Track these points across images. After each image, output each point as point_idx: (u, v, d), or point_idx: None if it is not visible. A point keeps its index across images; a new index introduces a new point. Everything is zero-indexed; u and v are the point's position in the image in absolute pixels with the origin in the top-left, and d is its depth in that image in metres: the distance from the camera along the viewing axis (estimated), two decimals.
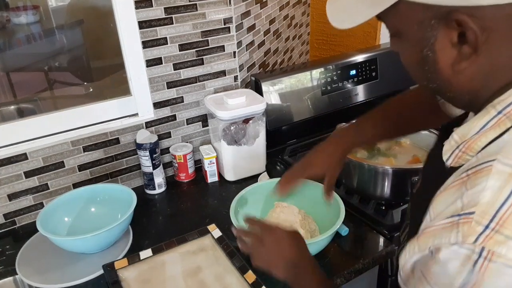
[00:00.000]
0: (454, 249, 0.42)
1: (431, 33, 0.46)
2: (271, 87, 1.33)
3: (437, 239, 0.44)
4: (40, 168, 1.09)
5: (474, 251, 0.41)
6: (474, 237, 0.41)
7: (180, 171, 1.25)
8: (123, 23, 1.09)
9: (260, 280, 0.83)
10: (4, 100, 2.01)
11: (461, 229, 0.42)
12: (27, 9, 2.18)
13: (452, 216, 0.44)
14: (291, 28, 1.85)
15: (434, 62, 0.48)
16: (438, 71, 0.49)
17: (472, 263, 0.41)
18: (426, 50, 0.48)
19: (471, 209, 0.42)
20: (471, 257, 0.41)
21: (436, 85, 0.51)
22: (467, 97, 0.50)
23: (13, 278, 0.95)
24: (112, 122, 1.17)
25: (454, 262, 0.43)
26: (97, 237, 0.91)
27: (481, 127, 0.47)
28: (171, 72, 1.20)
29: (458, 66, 0.47)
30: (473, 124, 0.48)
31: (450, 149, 0.50)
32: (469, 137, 0.48)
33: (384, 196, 1.06)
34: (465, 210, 0.43)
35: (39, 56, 2.28)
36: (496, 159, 0.43)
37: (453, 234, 0.43)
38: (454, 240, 0.42)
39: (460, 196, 0.44)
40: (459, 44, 0.45)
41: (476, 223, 0.41)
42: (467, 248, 0.42)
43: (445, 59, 0.47)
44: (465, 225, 0.42)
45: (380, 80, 1.53)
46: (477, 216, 0.42)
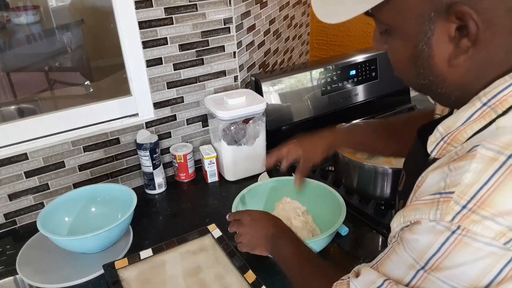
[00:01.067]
0: (431, 224, 0.45)
1: (429, 26, 0.46)
2: (271, 87, 1.33)
3: (418, 213, 0.47)
4: (40, 168, 1.09)
5: (449, 228, 0.43)
6: (451, 216, 0.43)
7: (180, 171, 1.25)
8: (123, 23, 1.09)
9: (260, 279, 0.83)
10: (5, 100, 2.01)
11: (440, 207, 0.44)
12: (27, 9, 2.18)
13: (434, 194, 0.46)
14: (291, 28, 1.86)
15: (429, 57, 0.48)
16: (432, 66, 0.49)
17: (444, 237, 0.44)
18: (422, 44, 0.48)
19: (452, 189, 0.44)
20: (444, 233, 0.44)
21: (427, 82, 0.51)
22: (457, 93, 0.50)
23: (14, 278, 0.95)
24: (113, 122, 1.17)
25: (429, 235, 0.45)
26: (97, 237, 0.91)
27: (466, 119, 0.48)
28: (171, 72, 1.20)
29: (455, 61, 0.47)
30: (459, 116, 0.49)
31: (435, 141, 0.52)
32: (454, 128, 0.49)
33: (384, 196, 1.06)
34: (446, 189, 0.45)
35: (39, 56, 2.28)
36: (480, 145, 0.45)
37: (432, 211, 0.45)
38: (432, 217, 0.45)
39: (444, 177, 0.46)
40: (457, 38, 0.45)
41: (455, 202, 0.43)
42: (443, 225, 0.44)
43: (441, 53, 0.47)
44: (444, 203, 0.44)
45: (380, 80, 1.53)
46: (456, 196, 0.43)
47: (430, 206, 0.45)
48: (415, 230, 0.47)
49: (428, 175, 0.49)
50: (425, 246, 0.46)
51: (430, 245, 0.45)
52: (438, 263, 0.45)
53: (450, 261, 0.44)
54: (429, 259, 0.45)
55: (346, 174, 1.12)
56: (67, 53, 2.36)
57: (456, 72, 0.48)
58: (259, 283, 0.82)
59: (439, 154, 0.51)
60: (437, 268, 0.45)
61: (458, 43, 0.46)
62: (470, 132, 0.48)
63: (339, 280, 0.58)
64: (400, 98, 1.65)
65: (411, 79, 0.53)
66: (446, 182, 0.45)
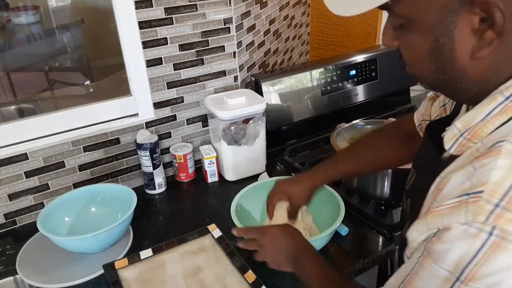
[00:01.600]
0: (464, 228, 0.42)
1: (451, 18, 0.45)
2: (271, 87, 1.33)
3: (446, 218, 0.44)
4: (40, 168, 1.09)
5: (483, 229, 0.41)
6: (484, 216, 0.41)
7: (180, 171, 1.25)
8: (123, 23, 1.09)
9: (260, 279, 0.83)
10: (5, 100, 2.01)
11: (470, 209, 0.42)
12: (27, 9, 2.18)
13: (460, 196, 0.43)
14: (291, 28, 1.86)
15: (451, 50, 0.46)
16: (454, 60, 0.47)
17: (481, 241, 0.41)
18: (443, 37, 0.46)
19: (480, 188, 0.42)
20: (479, 236, 0.41)
21: (446, 77, 0.49)
22: (476, 88, 0.49)
23: (14, 278, 0.95)
24: (113, 122, 1.17)
25: (462, 242, 0.42)
26: (97, 237, 0.91)
27: (487, 114, 0.47)
28: (171, 72, 1.20)
29: (479, 53, 0.45)
30: (478, 111, 0.47)
31: (453, 137, 0.50)
32: (474, 124, 0.48)
33: (384, 196, 1.06)
34: (473, 189, 0.43)
35: (39, 56, 2.27)
36: (505, 140, 0.43)
37: (462, 213, 0.42)
38: (463, 220, 0.42)
39: (468, 176, 0.44)
40: (480, 30, 0.44)
41: (486, 201, 0.41)
42: (476, 227, 0.41)
43: (463, 46, 0.46)
44: (474, 204, 0.42)
45: (380, 80, 1.53)
46: (486, 195, 0.41)
47: (458, 209, 0.43)
48: (445, 238, 0.44)
49: (450, 176, 0.47)
50: (460, 254, 0.42)
51: (465, 252, 0.42)
52: (475, 272, 0.42)
53: (488, 268, 0.41)
54: (464, 268, 0.42)
55: None
56: (67, 53, 2.36)
57: (479, 65, 0.47)
58: (259, 283, 0.82)
59: (458, 151, 0.49)
60: (474, 277, 0.42)
61: (482, 35, 0.44)
62: (491, 127, 0.46)
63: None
64: (400, 98, 1.65)
65: (428, 75, 0.51)
66: (472, 182, 0.43)
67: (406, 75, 0.56)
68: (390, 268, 1.01)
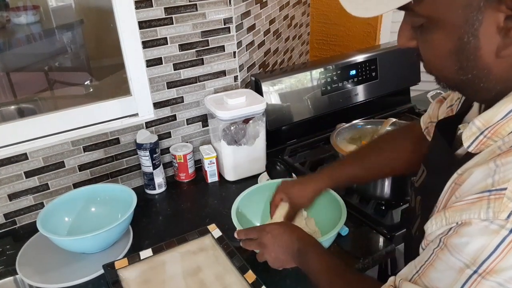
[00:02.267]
0: (484, 224, 0.42)
1: (477, 16, 0.44)
2: (271, 87, 1.33)
3: (466, 213, 0.44)
4: (40, 168, 1.09)
5: (504, 226, 0.41)
6: (506, 213, 0.41)
7: (180, 171, 1.25)
8: (123, 23, 1.09)
9: (260, 279, 0.83)
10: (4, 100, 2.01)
11: (492, 205, 0.42)
12: (27, 9, 2.18)
13: (481, 192, 0.44)
14: (291, 28, 1.86)
15: (476, 49, 0.46)
16: (478, 59, 0.47)
17: (500, 238, 0.41)
18: (468, 36, 0.46)
19: (503, 185, 0.42)
20: (500, 232, 0.41)
21: (469, 76, 0.49)
22: (499, 86, 0.48)
23: (14, 278, 0.95)
24: (112, 122, 1.17)
25: (482, 237, 0.43)
26: (97, 237, 0.91)
27: (508, 112, 0.47)
28: (171, 72, 1.20)
29: (504, 52, 0.45)
30: (499, 109, 0.47)
31: (472, 135, 0.50)
32: (494, 122, 0.48)
33: (384, 196, 1.06)
34: (496, 186, 0.43)
35: (39, 56, 2.27)
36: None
37: (483, 210, 0.43)
38: (484, 216, 0.42)
39: (490, 173, 0.44)
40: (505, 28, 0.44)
41: (508, 199, 0.41)
42: (498, 224, 0.42)
43: (488, 44, 0.45)
44: (497, 201, 0.42)
45: (380, 80, 1.53)
46: (509, 192, 0.41)
47: (480, 205, 0.43)
48: (464, 232, 0.44)
49: (471, 172, 0.47)
50: (478, 248, 0.43)
51: (484, 246, 0.42)
52: (494, 265, 0.42)
53: (507, 262, 0.41)
54: (483, 262, 0.42)
55: None
56: (67, 53, 2.36)
57: (503, 64, 0.46)
58: (259, 283, 0.82)
59: (477, 149, 0.49)
60: (493, 270, 0.42)
61: (507, 33, 0.44)
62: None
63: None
64: (400, 98, 1.65)
65: (449, 74, 0.50)
66: (494, 179, 0.43)
67: (406, 75, 0.55)
68: (390, 268, 1.01)
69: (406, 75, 1.61)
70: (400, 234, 0.97)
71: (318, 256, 0.74)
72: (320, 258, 0.73)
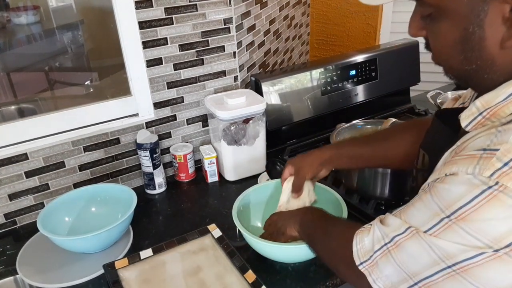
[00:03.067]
0: (467, 177, 0.45)
1: (482, 7, 0.45)
2: (271, 87, 1.33)
3: (455, 166, 0.47)
4: (40, 168, 1.10)
5: (486, 183, 0.43)
6: (490, 171, 0.43)
7: (180, 171, 1.25)
8: (123, 23, 1.09)
9: (260, 279, 0.83)
10: (5, 100, 2.00)
11: (481, 162, 0.44)
12: (27, 9, 2.18)
13: (477, 150, 0.46)
14: (291, 28, 1.86)
15: (480, 39, 0.47)
16: (482, 49, 0.48)
17: (478, 191, 0.43)
18: (473, 26, 0.47)
19: (497, 146, 0.44)
20: (479, 187, 0.43)
21: (474, 67, 0.50)
22: (502, 78, 0.49)
23: (14, 278, 0.95)
24: (113, 122, 1.17)
25: (462, 186, 0.45)
26: (98, 237, 0.91)
27: (509, 95, 0.48)
28: (171, 72, 1.20)
29: (509, 43, 0.46)
30: (500, 91, 0.48)
31: (470, 115, 0.51)
32: (494, 104, 0.48)
33: (384, 196, 1.06)
34: (491, 147, 0.45)
35: (40, 56, 2.27)
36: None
37: (471, 165, 0.45)
38: (470, 171, 0.45)
39: (491, 137, 0.46)
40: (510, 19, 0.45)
41: (497, 159, 0.43)
42: (479, 179, 0.44)
43: (493, 35, 0.46)
44: (486, 159, 0.44)
45: (380, 80, 1.53)
46: (499, 153, 0.43)
47: (470, 161, 0.45)
48: (448, 180, 0.47)
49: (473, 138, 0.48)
50: (456, 196, 0.45)
51: (462, 196, 0.45)
52: (466, 214, 0.44)
53: (479, 214, 0.43)
54: (457, 209, 0.45)
55: (346, 174, 1.12)
56: (67, 53, 2.36)
57: (507, 55, 0.47)
58: (259, 283, 0.82)
59: (473, 129, 0.51)
60: (464, 218, 0.44)
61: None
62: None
63: (361, 228, 0.60)
64: (400, 98, 1.65)
65: (455, 65, 0.52)
66: (492, 140, 0.45)
67: (406, 75, 0.56)
68: None
69: (406, 75, 1.61)
70: None
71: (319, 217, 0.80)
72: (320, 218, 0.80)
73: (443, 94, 1.53)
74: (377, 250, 0.56)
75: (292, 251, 0.88)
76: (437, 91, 1.60)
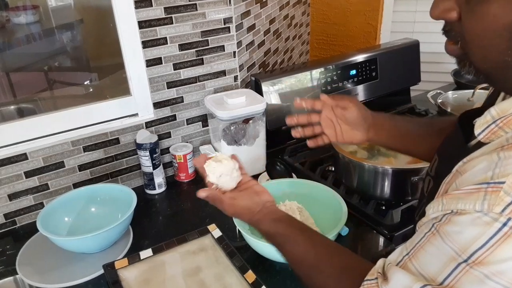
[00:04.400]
0: (477, 215, 0.42)
1: None
2: (271, 87, 1.33)
3: (461, 203, 0.44)
4: (40, 168, 1.09)
5: (498, 220, 0.41)
6: (501, 207, 0.41)
7: (180, 171, 1.25)
8: (123, 23, 1.09)
9: (260, 280, 0.83)
10: (4, 100, 2.00)
11: (488, 198, 0.42)
12: (27, 9, 2.18)
13: (480, 184, 0.43)
14: (291, 28, 1.86)
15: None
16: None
17: (493, 231, 0.41)
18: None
19: (502, 179, 0.41)
20: (493, 225, 0.41)
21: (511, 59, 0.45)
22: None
23: (14, 278, 0.95)
24: (112, 122, 1.17)
25: (474, 227, 0.42)
26: (97, 237, 0.91)
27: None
28: (171, 72, 1.20)
29: None
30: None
31: (484, 123, 0.48)
32: (510, 113, 0.46)
33: (384, 196, 1.06)
34: (495, 179, 0.42)
35: (39, 56, 2.27)
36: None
37: (478, 201, 0.42)
38: (479, 208, 0.42)
39: (492, 165, 0.43)
40: None
41: (505, 193, 0.41)
42: (491, 216, 0.41)
43: None
44: (493, 194, 0.41)
45: (380, 80, 1.53)
46: (507, 187, 0.41)
47: (476, 197, 0.43)
48: (457, 221, 0.44)
49: (473, 161, 0.46)
50: (471, 238, 0.42)
51: (477, 237, 0.42)
52: (484, 257, 0.41)
53: (497, 256, 0.41)
54: (474, 252, 0.42)
55: (346, 174, 1.12)
56: (67, 53, 2.35)
57: None
58: (259, 283, 0.82)
59: (486, 138, 0.48)
60: (482, 262, 0.42)
61: None
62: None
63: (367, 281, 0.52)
64: (400, 98, 1.65)
65: (491, 54, 0.46)
66: (494, 172, 0.42)
67: (406, 75, 0.55)
68: None
69: (406, 75, 1.61)
70: (400, 234, 0.97)
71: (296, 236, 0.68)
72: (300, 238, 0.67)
73: (443, 94, 1.53)
74: None
75: None
76: (438, 91, 1.59)
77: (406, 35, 1.76)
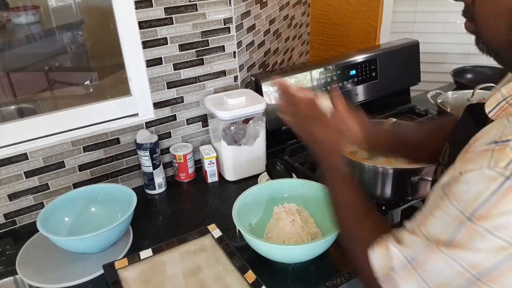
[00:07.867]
0: (484, 171, 0.44)
1: None
2: (271, 87, 1.33)
3: (471, 163, 0.46)
4: (40, 168, 1.09)
5: (502, 174, 0.42)
6: (506, 161, 0.42)
7: (180, 171, 1.25)
8: (123, 23, 1.09)
9: (260, 279, 0.83)
10: (4, 100, 2.01)
11: (494, 155, 0.43)
12: (27, 9, 2.18)
13: (489, 144, 0.45)
14: (291, 28, 1.86)
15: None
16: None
17: (497, 185, 0.43)
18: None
19: (508, 137, 0.43)
20: (498, 179, 0.43)
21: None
22: None
23: (13, 278, 0.95)
24: (112, 122, 1.17)
25: (480, 183, 0.44)
26: (97, 237, 0.91)
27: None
28: (171, 72, 1.20)
29: None
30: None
31: (495, 101, 0.51)
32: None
33: (384, 196, 1.06)
34: (502, 138, 0.44)
35: (39, 56, 2.27)
36: None
37: (486, 159, 0.44)
38: (486, 165, 0.44)
39: (501, 128, 0.45)
40: None
41: (510, 149, 0.43)
42: (496, 171, 0.43)
43: None
44: (500, 151, 0.43)
45: (380, 80, 1.53)
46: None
47: (484, 156, 0.44)
48: (464, 180, 0.46)
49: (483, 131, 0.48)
50: (475, 194, 0.44)
51: (481, 193, 0.44)
52: (486, 212, 0.43)
53: (497, 209, 0.42)
54: (477, 208, 0.44)
55: None
56: (67, 53, 2.36)
57: None
58: (259, 283, 0.82)
59: (497, 116, 0.50)
60: (484, 216, 0.43)
61: None
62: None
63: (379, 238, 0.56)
64: (400, 98, 1.65)
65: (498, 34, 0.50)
66: (503, 132, 0.45)
67: (406, 75, 0.56)
68: None
69: (406, 75, 1.61)
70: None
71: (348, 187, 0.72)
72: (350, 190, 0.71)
73: (443, 94, 1.53)
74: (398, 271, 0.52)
75: (292, 251, 0.88)
76: (437, 91, 1.59)
77: (406, 35, 1.76)
